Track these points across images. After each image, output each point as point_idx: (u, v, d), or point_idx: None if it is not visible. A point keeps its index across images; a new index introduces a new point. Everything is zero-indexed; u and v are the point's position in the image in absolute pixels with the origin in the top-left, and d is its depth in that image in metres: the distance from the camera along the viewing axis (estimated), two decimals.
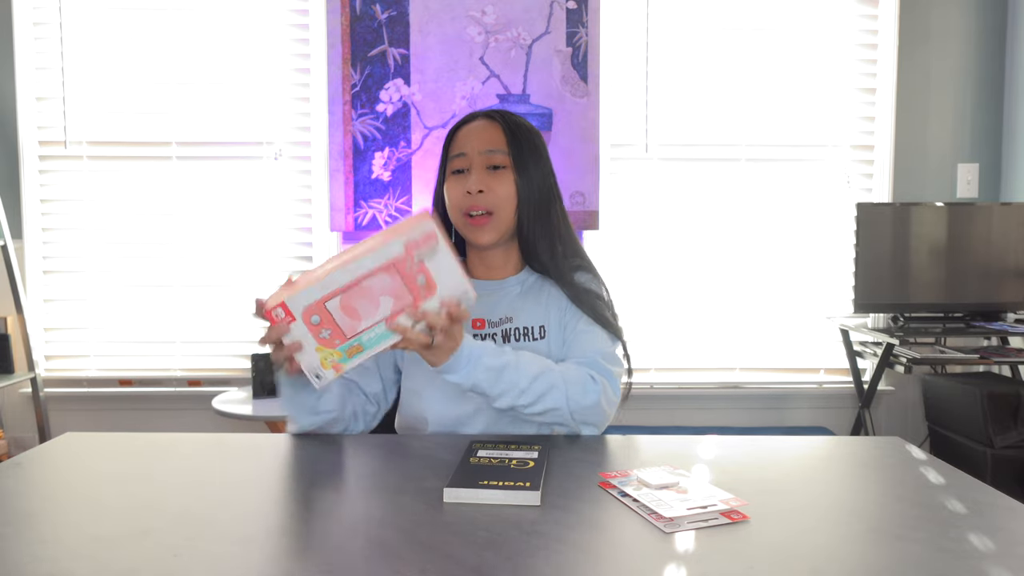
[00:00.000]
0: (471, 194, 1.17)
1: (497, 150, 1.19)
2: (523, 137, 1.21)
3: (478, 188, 1.17)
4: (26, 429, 2.87)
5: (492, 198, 1.18)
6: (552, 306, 1.22)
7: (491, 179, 1.18)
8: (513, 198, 1.19)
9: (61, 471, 0.94)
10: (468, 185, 1.18)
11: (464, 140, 1.21)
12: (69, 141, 2.82)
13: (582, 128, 2.74)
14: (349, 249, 0.96)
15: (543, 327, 1.20)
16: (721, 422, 2.90)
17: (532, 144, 1.22)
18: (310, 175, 2.85)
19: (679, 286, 2.89)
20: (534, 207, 1.20)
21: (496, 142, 1.19)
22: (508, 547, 0.70)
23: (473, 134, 1.21)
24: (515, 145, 1.19)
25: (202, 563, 0.67)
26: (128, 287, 2.87)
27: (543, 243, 1.20)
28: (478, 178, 1.18)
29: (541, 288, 1.24)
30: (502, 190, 1.18)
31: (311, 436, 1.09)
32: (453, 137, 1.24)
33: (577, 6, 2.71)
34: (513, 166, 1.19)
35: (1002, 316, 2.66)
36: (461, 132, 1.23)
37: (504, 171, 1.19)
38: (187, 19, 2.80)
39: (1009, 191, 2.85)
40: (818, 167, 2.88)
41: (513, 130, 1.21)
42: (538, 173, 1.21)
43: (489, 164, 1.19)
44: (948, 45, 2.85)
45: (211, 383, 2.86)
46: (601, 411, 1.09)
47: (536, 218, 1.20)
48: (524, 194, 1.19)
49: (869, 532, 0.74)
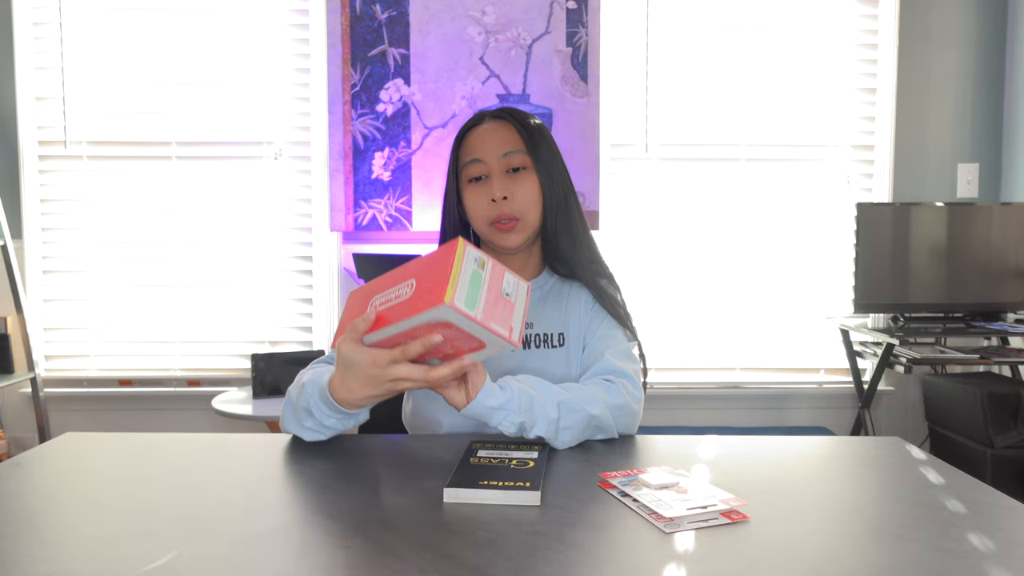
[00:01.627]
0: (496, 202, 1.13)
1: (515, 151, 1.15)
2: (537, 134, 1.17)
3: (503, 195, 1.13)
4: (26, 429, 2.87)
5: (518, 202, 1.14)
6: (572, 313, 1.19)
7: (513, 183, 1.15)
8: (538, 199, 1.16)
9: (61, 471, 0.94)
10: (492, 193, 1.14)
11: (477, 145, 1.17)
12: (69, 141, 2.82)
13: (582, 128, 2.74)
14: (397, 275, 0.91)
15: (562, 335, 1.18)
16: (721, 422, 2.90)
17: (546, 140, 1.18)
18: (310, 175, 2.85)
19: (679, 286, 2.89)
20: (557, 204, 1.17)
21: (512, 143, 1.16)
22: (508, 547, 0.70)
23: (486, 137, 1.16)
24: (532, 143, 1.16)
25: (202, 563, 0.67)
26: (128, 287, 2.87)
27: (566, 238, 1.18)
28: (501, 184, 1.14)
29: (561, 292, 1.22)
30: (527, 193, 1.15)
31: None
32: (463, 142, 1.19)
33: (577, 6, 2.71)
34: (534, 166, 1.16)
35: (1002, 316, 2.66)
36: (472, 136, 1.18)
37: (525, 172, 1.16)
38: (187, 19, 2.80)
39: (1009, 191, 2.85)
40: (818, 167, 2.88)
41: (527, 128, 1.17)
42: (556, 168, 1.18)
43: (509, 167, 1.15)
44: (948, 45, 2.85)
45: (211, 383, 2.86)
46: (631, 410, 1.07)
47: (559, 215, 1.17)
48: (548, 193, 1.16)
49: (869, 532, 0.73)
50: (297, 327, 2.89)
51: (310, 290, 2.89)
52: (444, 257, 0.85)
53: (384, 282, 0.92)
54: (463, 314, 0.82)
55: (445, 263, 0.84)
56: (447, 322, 0.83)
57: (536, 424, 0.97)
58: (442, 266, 0.84)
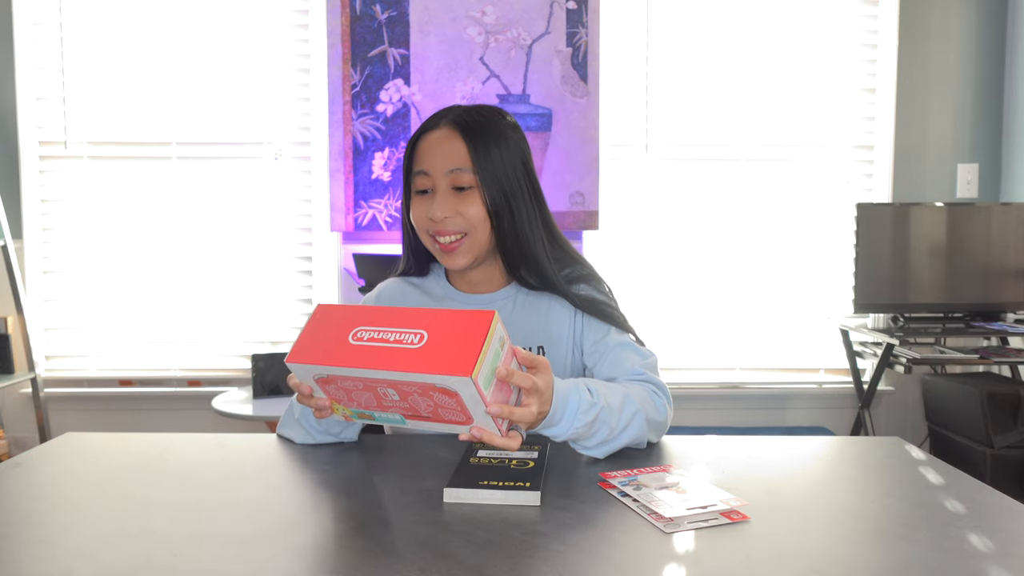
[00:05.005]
0: (434, 220, 1.06)
1: (460, 168, 1.06)
2: (493, 143, 1.07)
3: (443, 215, 1.06)
4: (26, 429, 2.87)
5: (461, 221, 1.07)
6: (553, 323, 1.13)
7: (458, 202, 1.07)
8: (485, 219, 1.07)
9: (61, 471, 0.94)
10: (432, 212, 1.06)
11: (425, 156, 1.09)
12: (69, 141, 2.82)
13: (582, 128, 2.74)
14: (394, 317, 0.83)
15: (541, 348, 1.12)
16: (721, 422, 2.90)
17: (502, 147, 1.08)
18: (310, 175, 2.85)
19: (679, 286, 2.89)
20: (514, 218, 1.08)
21: (459, 159, 1.06)
22: (508, 547, 0.70)
23: (434, 149, 1.08)
24: (481, 159, 1.06)
25: (202, 563, 0.67)
26: (128, 287, 2.87)
27: (530, 250, 1.09)
28: (443, 203, 1.06)
29: (538, 304, 1.14)
30: (471, 213, 1.06)
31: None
32: (415, 146, 1.11)
33: (577, 6, 2.71)
34: (481, 185, 1.06)
35: (1002, 316, 2.66)
36: (422, 145, 1.10)
37: (471, 192, 1.07)
38: (187, 19, 2.80)
39: (1009, 191, 2.85)
40: (818, 167, 2.88)
41: (476, 139, 1.07)
42: (513, 180, 1.08)
43: (454, 185, 1.07)
44: (948, 45, 2.84)
45: (211, 383, 2.85)
46: (667, 425, 1.06)
47: (519, 228, 1.08)
48: (500, 210, 1.07)
49: (869, 532, 0.73)
50: (297, 327, 2.89)
51: (310, 290, 2.89)
52: (472, 324, 0.79)
53: (371, 316, 0.84)
54: (479, 393, 0.76)
55: (474, 332, 0.78)
56: (454, 391, 0.77)
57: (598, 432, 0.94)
58: (469, 333, 0.78)
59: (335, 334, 0.82)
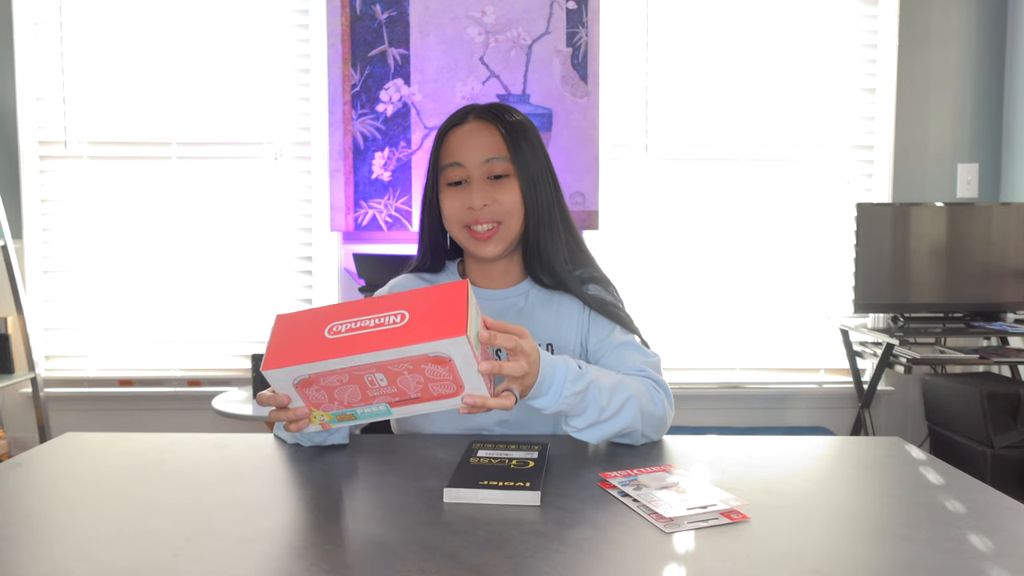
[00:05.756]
0: (473, 209, 1.09)
1: (497, 157, 1.10)
2: (522, 137, 1.11)
3: (482, 203, 1.09)
4: (26, 429, 2.87)
5: (498, 210, 1.10)
6: (564, 322, 1.15)
7: (494, 190, 1.10)
8: (520, 207, 1.11)
9: (61, 471, 0.94)
10: (471, 200, 1.09)
11: (458, 147, 1.11)
12: (69, 141, 2.82)
13: (582, 128, 2.74)
14: (366, 306, 0.84)
15: (550, 345, 1.14)
16: (721, 422, 2.90)
17: (531, 143, 1.12)
18: (310, 175, 2.85)
19: (679, 286, 2.89)
20: (540, 212, 1.12)
21: (495, 148, 1.10)
22: (508, 547, 0.70)
23: (468, 140, 1.11)
24: (516, 149, 1.10)
25: (202, 563, 0.67)
26: (128, 287, 2.87)
27: (550, 248, 1.13)
28: (481, 191, 1.09)
29: (550, 302, 1.16)
30: (508, 201, 1.10)
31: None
32: (444, 141, 1.13)
33: (577, 6, 2.71)
34: (516, 173, 1.10)
35: (1002, 316, 2.66)
36: (453, 137, 1.12)
37: (507, 179, 1.10)
38: (187, 19, 2.80)
39: (1009, 191, 2.85)
40: (818, 167, 2.88)
41: (512, 131, 1.11)
42: (541, 174, 1.12)
43: (490, 174, 1.10)
44: (948, 45, 2.84)
45: (211, 383, 2.85)
46: (666, 422, 1.07)
47: (541, 223, 1.12)
48: (530, 201, 1.11)
49: (869, 532, 0.73)
50: None
51: (311, 290, 2.89)
52: (449, 293, 0.82)
53: (340, 312, 0.84)
54: (472, 351, 0.78)
55: (454, 299, 0.81)
56: (448, 357, 0.79)
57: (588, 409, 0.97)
58: (450, 301, 0.81)
59: (308, 334, 0.83)
